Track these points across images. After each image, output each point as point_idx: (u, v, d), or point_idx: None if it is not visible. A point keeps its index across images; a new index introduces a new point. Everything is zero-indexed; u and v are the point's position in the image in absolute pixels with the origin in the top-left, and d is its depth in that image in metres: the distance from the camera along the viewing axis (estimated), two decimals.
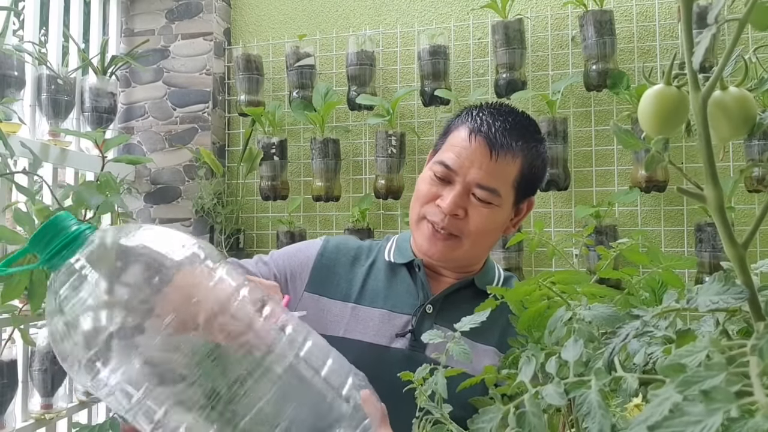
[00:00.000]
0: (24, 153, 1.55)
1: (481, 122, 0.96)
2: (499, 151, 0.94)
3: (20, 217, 1.47)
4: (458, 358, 0.61)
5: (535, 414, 0.43)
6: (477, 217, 0.96)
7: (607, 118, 1.93)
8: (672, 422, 0.25)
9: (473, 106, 1.02)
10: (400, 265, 1.05)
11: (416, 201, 1.01)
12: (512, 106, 1.05)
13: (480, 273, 1.05)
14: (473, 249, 1.00)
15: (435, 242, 0.98)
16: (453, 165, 0.95)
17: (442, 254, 0.99)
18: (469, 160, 0.94)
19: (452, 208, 0.94)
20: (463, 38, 2.07)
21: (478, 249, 1.02)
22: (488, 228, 0.97)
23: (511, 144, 0.94)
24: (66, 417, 1.82)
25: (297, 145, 2.21)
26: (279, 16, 2.28)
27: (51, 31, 1.90)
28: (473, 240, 0.97)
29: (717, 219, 0.37)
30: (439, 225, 0.96)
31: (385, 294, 1.02)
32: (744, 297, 0.36)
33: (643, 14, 1.92)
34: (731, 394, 0.26)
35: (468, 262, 1.04)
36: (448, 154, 0.97)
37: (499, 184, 0.95)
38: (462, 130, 0.97)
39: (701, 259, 1.74)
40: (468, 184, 0.95)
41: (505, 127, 0.95)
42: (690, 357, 0.34)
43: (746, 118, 0.40)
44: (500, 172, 0.95)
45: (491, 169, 0.94)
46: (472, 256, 1.03)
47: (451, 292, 1.02)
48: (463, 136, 0.96)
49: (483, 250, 1.04)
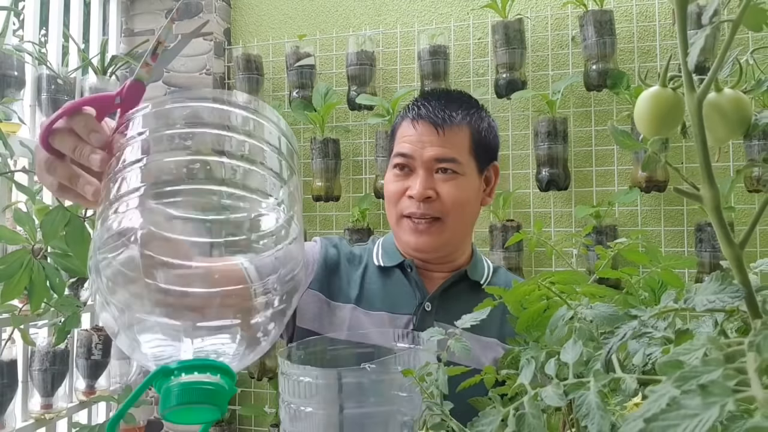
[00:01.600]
0: (24, 153, 1.55)
1: (419, 108, 1.00)
2: (444, 126, 0.98)
3: (20, 217, 1.47)
4: (459, 354, 0.62)
5: (535, 415, 0.43)
6: (448, 191, 0.98)
7: (607, 118, 1.93)
8: (668, 415, 0.26)
9: (408, 103, 1.06)
10: (391, 268, 1.06)
11: (389, 203, 1.03)
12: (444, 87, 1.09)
13: (470, 265, 1.07)
14: (457, 226, 1.01)
15: (420, 234, 0.99)
16: (408, 151, 0.99)
17: (431, 243, 0.99)
18: (420, 142, 0.98)
19: (423, 191, 0.96)
20: (463, 38, 2.07)
21: (462, 225, 1.03)
22: (463, 198, 0.99)
23: (452, 115, 0.99)
24: (66, 417, 1.82)
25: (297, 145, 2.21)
26: (279, 16, 2.29)
27: (51, 31, 1.90)
28: (454, 216, 0.99)
29: (713, 219, 0.37)
30: (417, 214, 0.98)
31: (382, 296, 1.03)
32: (741, 296, 0.36)
33: (643, 14, 1.93)
34: (728, 388, 0.26)
35: (455, 247, 1.05)
36: (400, 145, 1.01)
37: (455, 152, 0.98)
38: (405, 123, 1.02)
39: (701, 259, 1.74)
40: (427, 163, 0.98)
41: (440, 104, 1.00)
42: (688, 354, 0.34)
43: (741, 119, 0.40)
44: (452, 143, 0.98)
45: (443, 143, 0.98)
46: (458, 237, 1.04)
47: (447, 288, 1.03)
48: (407, 127, 1.01)
49: (467, 227, 1.06)
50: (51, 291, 1.44)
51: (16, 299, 1.48)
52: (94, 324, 2.06)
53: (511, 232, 1.88)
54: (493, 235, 1.91)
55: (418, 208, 0.97)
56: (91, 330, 1.91)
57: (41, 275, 1.42)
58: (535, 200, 2.00)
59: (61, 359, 1.72)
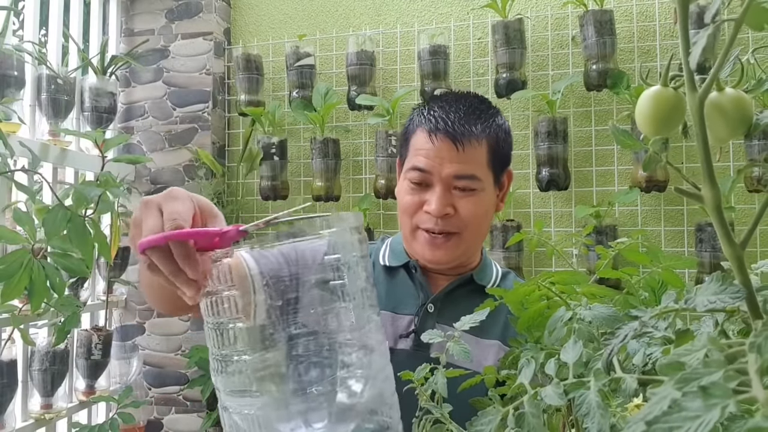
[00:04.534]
0: (24, 153, 1.55)
1: (437, 120, 0.96)
2: (464, 141, 0.94)
3: (20, 216, 1.47)
4: (457, 356, 0.61)
5: (534, 415, 0.43)
6: (467, 207, 0.96)
7: (607, 118, 1.93)
8: (670, 418, 0.25)
9: (421, 105, 1.03)
10: (396, 268, 1.05)
11: (404, 213, 1.00)
12: (457, 90, 1.06)
13: (478, 269, 1.06)
14: (474, 239, 1.00)
15: (437, 248, 0.98)
16: (426, 166, 0.95)
17: (447, 257, 0.99)
18: (439, 157, 0.95)
19: (441, 210, 0.95)
20: (463, 38, 2.07)
21: (478, 237, 1.02)
22: (480, 214, 0.98)
23: (471, 130, 0.95)
24: (66, 417, 1.82)
25: (297, 145, 2.21)
26: (279, 15, 2.28)
27: (51, 30, 1.90)
28: (471, 230, 0.98)
29: (714, 219, 0.37)
30: (434, 230, 0.96)
31: (386, 296, 1.02)
32: (741, 296, 0.36)
33: (643, 14, 1.92)
34: (729, 390, 0.26)
35: (468, 258, 1.05)
36: (417, 158, 0.97)
37: (475, 169, 0.96)
38: (421, 133, 0.98)
39: (701, 259, 1.74)
40: (446, 180, 0.95)
41: (459, 116, 0.96)
42: (689, 356, 0.34)
43: (743, 119, 0.40)
44: (472, 159, 0.95)
45: (462, 159, 0.95)
46: (474, 248, 1.04)
47: (451, 290, 1.02)
48: (424, 139, 0.97)
49: (482, 237, 1.05)
50: (51, 291, 1.44)
51: (16, 299, 1.48)
52: (94, 324, 2.06)
53: (511, 232, 1.88)
54: (493, 235, 1.91)
55: (435, 224, 0.96)
56: (90, 330, 1.91)
57: (41, 275, 1.41)
58: (535, 200, 1.99)
59: (61, 359, 1.72)
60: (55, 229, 1.41)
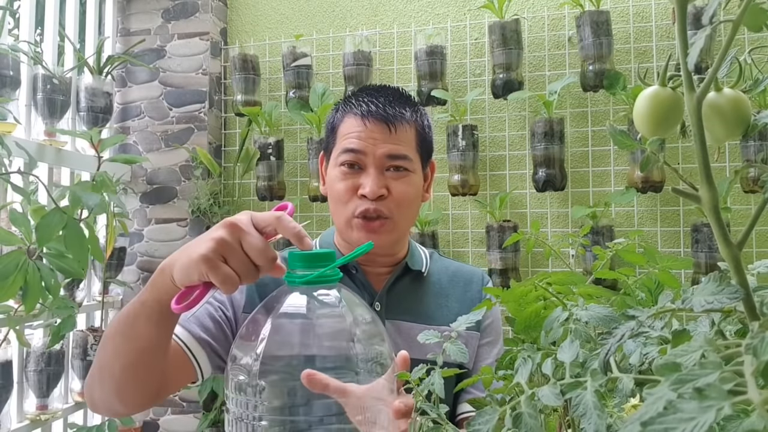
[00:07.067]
0: (19, 153, 1.54)
1: (367, 105, 0.99)
2: (396, 123, 0.97)
3: (16, 217, 1.46)
4: (454, 356, 0.61)
5: (532, 415, 0.43)
6: (400, 188, 0.98)
7: (604, 119, 1.93)
8: (665, 419, 0.25)
9: (346, 97, 1.05)
10: None
11: (338, 202, 0.99)
12: (378, 84, 1.10)
13: (408, 256, 1.07)
14: (405, 223, 1.02)
15: (373, 232, 0.97)
16: (359, 147, 0.97)
17: (383, 241, 0.99)
18: (372, 138, 0.97)
19: (376, 190, 0.95)
20: (459, 38, 2.07)
21: (408, 222, 1.04)
22: (411, 196, 1.00)
23: (402, 113, 0.99)
24: (61, 418, 1.82)
25: (293, 145, 2.21)
26: (275, 15, 2.28)
27: (46, 30, 1.90)
28: (403, 214, 0.99)
29: (712, 219, 0.37)
30: (371, 211, 0.96)
31: None
32: (738, 297, 0.36)
33: (639, 15, 1.93)
34: (725, 392, 0.26)
35: (401, 246, 1.06)
36: (348, 141, 0.98)
37: (407, 149, 0.99)
38: (350, 118, 0.99)
39: (697, 260, 1.74)
40: (380, 160, 0.97)
41: (389, 101, 0.99)
42: (685, 356, 0.34)
43: (741, 119, 0.40)
44: (403, 140, 0.98)
45: (395, 140, 0.97)
46: (405, 234, 1.05)
47: (392, 284, 1.03)
48: (356, 123, 0.98)
49: (412, 223, 1.07)
50: (46, 292, 1.44)
51: (11, 300, 1.47)
52: (90, 324, 2.06)
53: (507, 233, 1.88)
54: (490, 236, 1.91)
55: (371, 206, 0.96)
56: (86, 331, 1.90)
57: (36, 276, 1.41)
58: (532, 201, 2.00)
59: (57, 360, 1.72)
60: (48, 235, 1.41)
